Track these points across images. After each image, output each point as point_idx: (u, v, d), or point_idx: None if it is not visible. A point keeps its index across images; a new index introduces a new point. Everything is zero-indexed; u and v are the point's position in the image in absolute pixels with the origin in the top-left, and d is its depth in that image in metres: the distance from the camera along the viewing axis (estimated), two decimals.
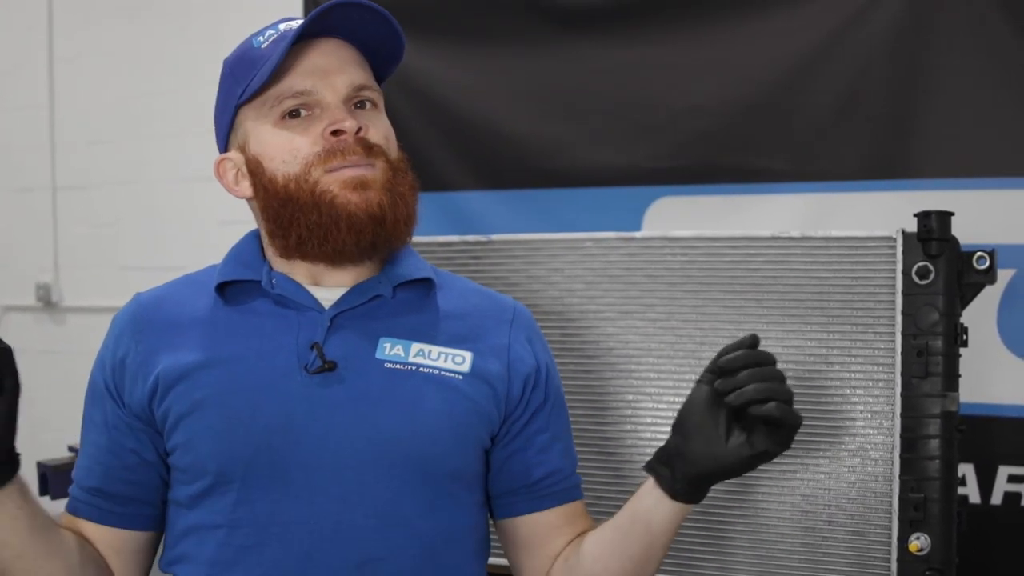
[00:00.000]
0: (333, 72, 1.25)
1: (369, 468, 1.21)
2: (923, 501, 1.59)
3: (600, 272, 1.84)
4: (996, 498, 2.23)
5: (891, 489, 1.63)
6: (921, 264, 1.63)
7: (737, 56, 2.46)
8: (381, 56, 1.30)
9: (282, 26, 1.27)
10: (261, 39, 1.27)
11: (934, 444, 1.61)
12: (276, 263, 1.30)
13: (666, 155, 2.53)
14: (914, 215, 1.66)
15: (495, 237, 1.92)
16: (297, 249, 1.26)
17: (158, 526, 1.30)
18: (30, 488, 1.19)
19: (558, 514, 1.33)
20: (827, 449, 1.69)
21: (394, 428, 1.22)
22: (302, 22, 1.22)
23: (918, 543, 1.59)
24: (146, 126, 3.49)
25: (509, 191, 2.68)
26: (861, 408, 1.68)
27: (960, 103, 2.26)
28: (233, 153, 1.30)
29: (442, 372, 1.26)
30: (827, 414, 1.69)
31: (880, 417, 1.66)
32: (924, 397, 1.62)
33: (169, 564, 1.27)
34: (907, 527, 1.60)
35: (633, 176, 2.56)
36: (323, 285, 1.29)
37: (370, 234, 1.23)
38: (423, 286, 1.32)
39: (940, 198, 2.19)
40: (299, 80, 1.24)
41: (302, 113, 1.24)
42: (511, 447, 1.32)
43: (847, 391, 1.69)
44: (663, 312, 1.79)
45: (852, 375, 1.69)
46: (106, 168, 3.61)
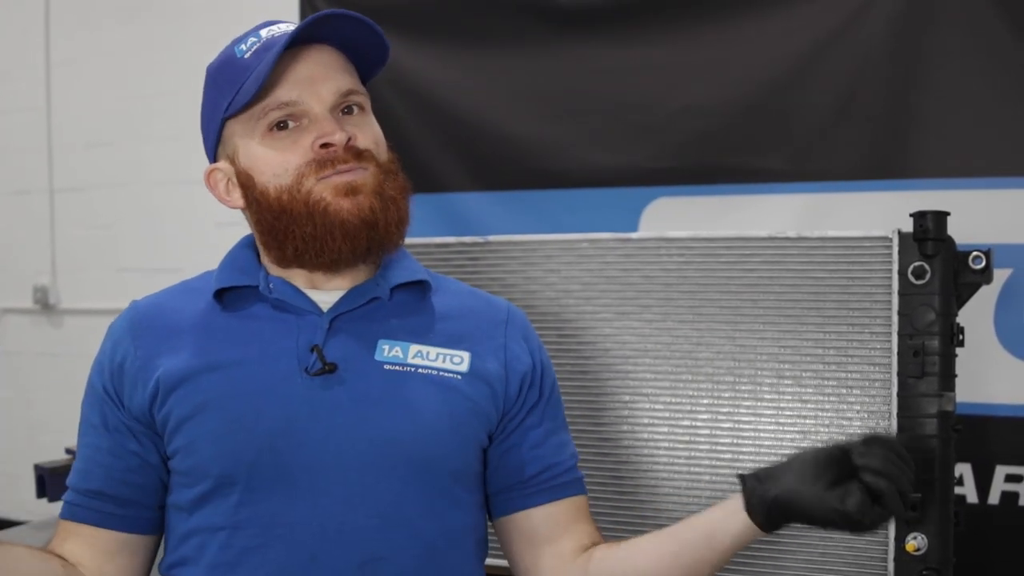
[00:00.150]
0: (318, 80, 1.24)
1: (371, 469, 1.21)
2: (920, 501, 1.59)
3: (597, 273, 1.84)
4: (993, 498, 2.23)
5: None
6: (917, 264, 1.64)
7: (734, 57, 2.46)
8: (366, 58, 1.29)
9: (264, 33, 1.26)
10: (243, 47, 1.26)
11: (931, 444, 1.61)
12: (272, 268, 1.30)
13: (663, 156, 2.53)
14: (910, 215, 1.66)
15: (492, 238, 1.92)
16: (295, 260, 1.26)
17: (157, 529, 1.30)
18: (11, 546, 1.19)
19: (559, 509, 1.33)
20: None
21: (395, 429, 1.22)
22: (286, 35, 1.21)
23: (915, 543, 1.59)
24: (144, 128, 3.50)
25: (506, 192, 2.68)
26: (858, 408, 1.68)
27: (957, 103, 2.26)
28: (223, 164, 1.29)
29: (441, 373, 1.27)
30: (824, 414, 1.70)
31: (877, 417, 1.66)
32: (921, 397, 1.62)
33: (170, 568, 1.26)
34: (904, 527, 1.60)
35: (630, 177, 2.56)
36: (320, 288, 1.29)
37: (364, 239, 1.23)
38: (419, 288, 1.32)
39: (936, 198, 2.20)
40: (285, 91, 1.23)
41: (290, 124, 1.24)
42: (506, 444, 1.33)
43: (843, 391, 1.69)
44: (659, 313, 1.79)
45: (848, 375, 1.69)
46: (104, 170, 3.61)
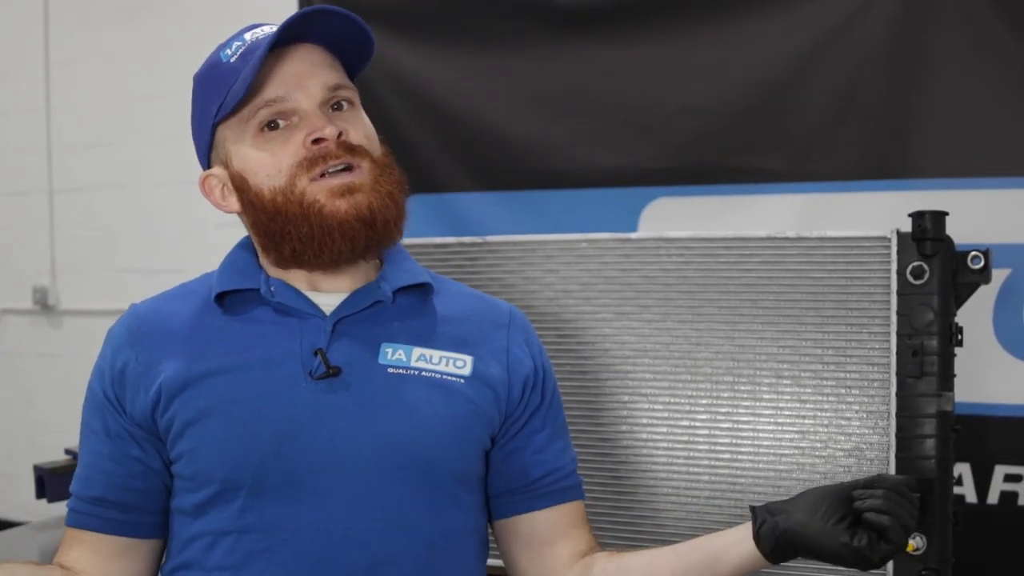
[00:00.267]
0: (305, 77, 1.24)
1: (375, 472, 1.21)
2: (919, 501, 1.58)
3: (595, 273, 1.84)
4: (992, 498, 2.23)
5: None
6: (916, 264, 1.64)
7: (733, 57, 2.46)
8: (352, 54, 1.29)
9: (248, 36, 1.26)
10: (229, 52, 1.26)
11: (930, 444, 1.61)
12: (272, 270, 1.30)
13: (662, 156, 2.53)
14: (909, 215, 1.66)
15: (491, 238, 1.91)
16: (293, 261, 1.26)
17: (161, 533, 1.29)
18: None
19: (559, 513, 1.34)
20: (822, 449, 1.69)
21: (399, 432, 1.22)
22: (269, 36, 1.21)
23: (914, 543, 1.59)
24: (143, 129, 3.50)
25: (505, 192, 2.68)
26: (856, 408, 1.68)
27: (956, 103, 2.26)
28: (217, 169, 1.29)
29: (444, 376, 1.27)
30: (823, 414, 1.70)
31: (875, 417, 1.67)
32: (919, 397, 1.62)
33: (173, 571, 1.26)
34: None
35: (629, 177, 2.56)
36: (321, 290, 1.29)
37: (363, 238, 1.23)
38: (421, 290, 1.32)
39: (935, 198, 2.20)
40: (272, 90, 1.23)
41: (280, 124, 1.24)
42: (509, 447, 1.33)
43: (842, 391, 1.69)
44: (658, 313, 1.79)
45: (847, 375, 1.69)
46: (103, 171, 3.61)
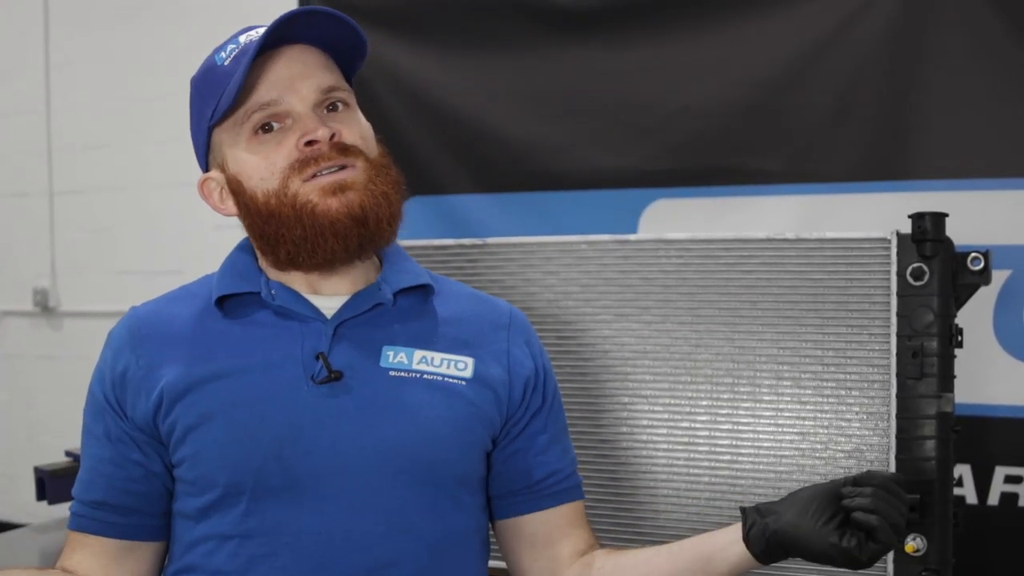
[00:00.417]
0: (298, 79, 1.23)
1: (378, 475, 1.21)
2: (919, 502, 1.59)
3: (595, 275, 1.83)
4: (993, 499, 2.23)
5: None
6: (916, 265, 1.63)
7: (732, 58, 2.47)
8: (346, 54, 1.29)
9: (243, 38, 1.26)
10: (223, 55, 1.26)
11: (930, 445, 1.61)
12: (272, 273, 1.30)
13: (662, 157, 2.53)
14: (908, 216, 1.66)
15: (490, 240, 1.91)
16: (289, 263, 1.26)
17: (162, 535, 1.29)
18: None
19: (560, 513, 1.35)
20: (822, 450, 1.69)
21: (401, 435, 1.22)
22: (259, 37, 1.21)
23: (914, 544, 1.59)
24: (143, 131, 3.50)
25: (505, 194, 2.68)
26: (856, 409, 1.68)
27: (955, 104, 2.26)
28: (214, 172, 1.30)
29: (445, 378, 1.27)
30: (823, 416, 1.70)
31: (875, 418, 1.66)
32: (919, 398, 1.62)
33: (176, 574, 1.26)
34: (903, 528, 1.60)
35: (629, 179, 2.56)
36: (321, 293, 1.29)
37: (356, 237, 1.23)
38: (422, 292, 1.32)
39: (935, 199, 2.20)
40: (265, 93, 1.23)
41: (274, 126, 1.24)
42: (511, 448, 1.33)
43: (842, 392, 1.69)
44: (658, 314, 1.79)
45: (847, 376, 1.69)
46: (103, 173, 3.61)
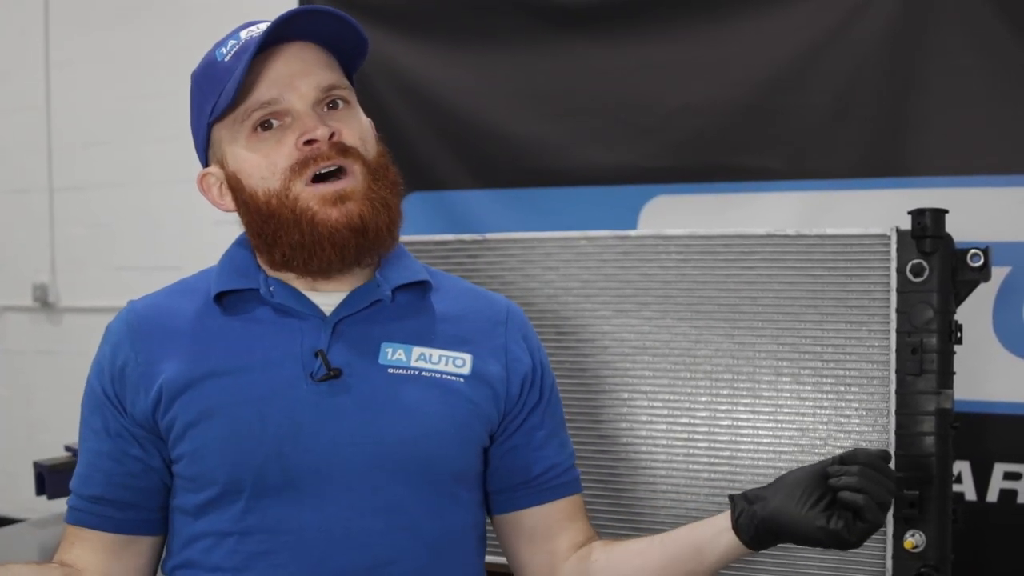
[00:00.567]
0: (298, 77, 1.23)
1: (377, 473, 1.21)
2: (918, 498, 1.59)
3: (595, 271, 1.84)
4: (992, 495, 2.23)
5: None
6: (915, 261, 1.64)
7: (732, 55, 2.46)
8: (347, 52, 1.28)
9: (243, 34, 1.26)
10: (224, 50, 1.26)
11: (929, 441, 1.61)
12: (270, 270, 1.30)
13: (662, 154, 2.53)
14: (908, 213, 1.66)
15: (490, 236, 1.91)
16: (284, 265, 1.26)
17: (160, 529, 1.30)
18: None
19: (559, 507, 1.35)
20: (822, 446, 1.69)
21: (400, 433, 1.23)
22: (260, 34, 1.21)
23: (913, 540, 1.59)
24: (142, 128, 3.50)
25: (505, 190, 2.68)
26: (856, 405, 1.68)
27: (955, 102, 2.26)
28: (214, 168, 1.29)
29: (444, 375, 1.27)
30: (822, 412, 1.70)
31: (875, 414, 1.67)
32: (919, 394, 1.62)
33: (174, 569, 1.26)
34: (902, 524, 1.60)
35: (629, 175, 2.56)
36: (320, 290, 1.28)
37: (353, 247, 1.23)
38: (420, 288, 1.32)
39: (935, 196, 2.20)
40: (264, 91, 1.22)
41: (274, 124, 1.23)
42: (509, 444, 1.33)
43: (842, 388, 1.69)
44: (658, 310, 1.79)
45: (847, 372, 1.69)
46: (102, 169, 3.61)
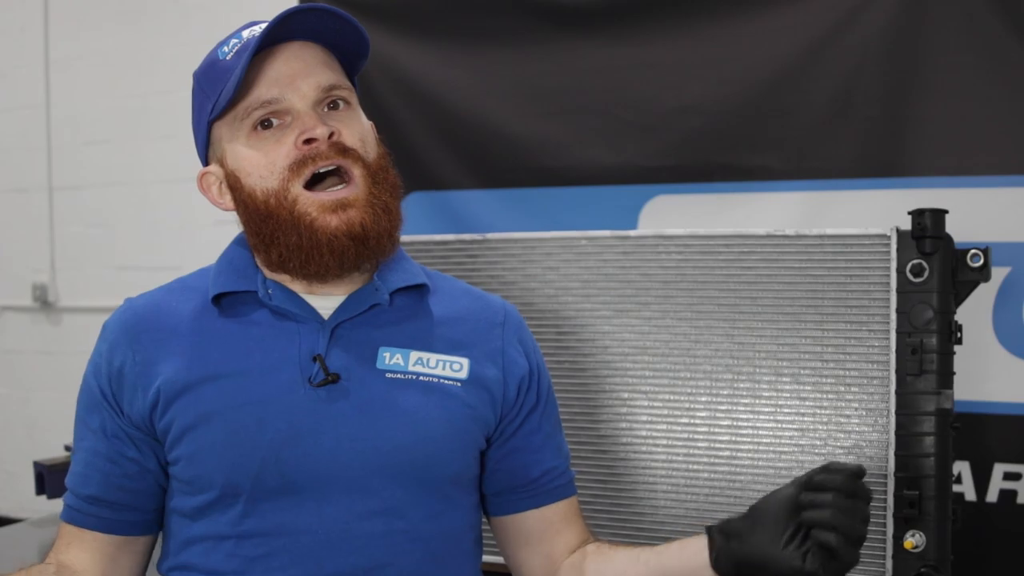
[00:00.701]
0: (299, 77, 1.23)
1: (374, 477, 1.21)
2: (918, 498, 1.59)
3: (595, 270, 1.84)
4: (992, 495, 2.24)
5: (886, 486, 1.63)
6: (915, 262, 1.64)
7: (732, 55, 2.47)
8: (349, 52, 1.28)
9: (245, 33, 1.26)
10: (226, 49, 1.25)
11: (929, 442, 1.61)
12: (268, 271, 1.29)
13: (661, 154, 2.54)
14: (908, 213, 1.66)
15: (490, 236, 1.91)
16: (280, 266, 1.25)
17: (156, 529, 1.30)
18: None
19: (555, 510, 1.35)
20: (821, 447, 1.69)
21: (398, 437, 1.22)
22: (261, 32, 1.20)
23: (913, 540, 1.59)
24: (141, 127, 3.50)
25: (505, 190, 2.68)
26: (856, 406, 1.68)
27: (954, 101, 2.26)
28: (214, 167, 1.29)
29: (441, 380, 1.27)
30: (822, 412, 1.70)
31: (875, 415, 1.67)
32: (919, 395, 1.62)
33: (171, 571, 1.26)
34: (902, 524, 1.61)
35: (629, 175, 2.57)
36: (318, 292, 1.28)
37: (353, 254, 1.22)
38: (417, 291, 1.32)
39: (935, 196, 2.20)
40: (265, 90, 1.22)
41: (274, 123, 1.23)
42: (506, 448, 1.33)
43: (842, 388, 1.69)
44: (658, 310, 1.79)
45: (847, 373, 1.69)
46: (102, 169, 3.61)
